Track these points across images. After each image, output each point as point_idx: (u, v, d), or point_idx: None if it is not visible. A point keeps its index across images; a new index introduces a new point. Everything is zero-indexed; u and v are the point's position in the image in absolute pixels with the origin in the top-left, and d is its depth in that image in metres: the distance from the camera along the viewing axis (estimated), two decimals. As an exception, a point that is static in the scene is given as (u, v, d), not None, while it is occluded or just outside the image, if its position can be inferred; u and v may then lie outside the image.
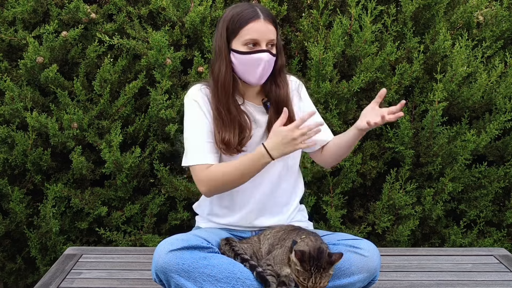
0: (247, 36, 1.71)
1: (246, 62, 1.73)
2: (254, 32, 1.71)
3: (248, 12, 1.74)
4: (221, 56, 1.77)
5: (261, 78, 1.76)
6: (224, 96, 1.77)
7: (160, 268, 1.59)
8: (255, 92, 1.87)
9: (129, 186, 2.70)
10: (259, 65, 1.73)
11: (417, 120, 2.74)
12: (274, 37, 1.75)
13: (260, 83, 1.79)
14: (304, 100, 1.95)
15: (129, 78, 2.76)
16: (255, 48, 1.72)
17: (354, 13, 2.60)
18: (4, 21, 2.68)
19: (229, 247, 1.74)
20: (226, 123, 1.77)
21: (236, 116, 1.78)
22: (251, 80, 1.77)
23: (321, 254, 1.52)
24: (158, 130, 2.73)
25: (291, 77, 1.95)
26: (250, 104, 1.85)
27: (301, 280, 1.51)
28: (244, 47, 1.73)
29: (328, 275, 1.52)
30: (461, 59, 2.60)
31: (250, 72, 1.75)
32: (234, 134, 1.77)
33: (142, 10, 2.71)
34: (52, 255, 2.73)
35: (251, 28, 1.71)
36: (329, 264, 1.52)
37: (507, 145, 2.72)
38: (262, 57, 1.72)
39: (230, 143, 1.76)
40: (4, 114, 2.64)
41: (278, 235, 1.73)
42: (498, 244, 2.74)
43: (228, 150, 1.78)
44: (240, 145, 1.78)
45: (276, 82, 1.82)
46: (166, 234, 2.76)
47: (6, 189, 2.65)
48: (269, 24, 1.73)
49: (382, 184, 2.73)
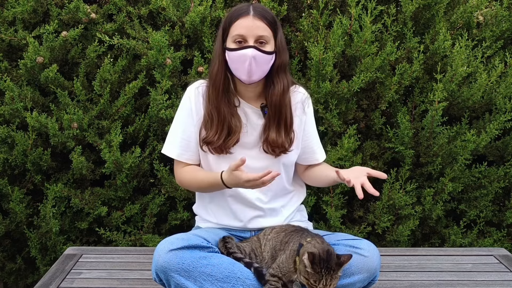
0: (235, 32, 1.73)
1: (234, 59, 1.73)
2: (241, 28, 1.72)
3: (240, 9, 1.75)
4: (216, 55, 1.79)
5: (250, 75, 1.73)
6: (215, 95, 1.79)
7: (160, 268, 1.59)
8: (256, 94, 1.85)
9: (129, 186, 2.70)
10: (245, 61, 1.71)
11: (417, 120, 2.74)
12: (265, 34, 1.73)
13: (252, 81, 1.76)
14: (308, 116, 1.93)
15: (129, 78, 2.76)
16: (242, 44, 1.72)
17: (354, 13, 2.60)
18: (4, 21, 2.68)
19: (223, 244, 1.74)
20: (214, 123, 1.78)
21: (227, 117, 1.78)
22: (242, 77, 1.75)
23: (330, 256, 1.52)
24: (158, 130, 2.73)
25: (299, 88, 1.92)
26: (248, 106, 1.84)
27: (312, 282, 1.51)
28: (234, 44, 1.73)
29: (337, 277, 1.53)
30: (461, 59, 2.60)
31: (239, 69, 1.74)
32: (220, 135, 1.78)
33: (142, 10, 2.71)
34: (52, 255, 2.73)
35: (239, 24, 1.72)
36: (338, 266, 1.52)
37: (507, 145, 2.72)
38: (246, 53, 1.70)
39: (212, 143, 1.78)
40: (4, 114, 2.64)
41: (280, 237, 1.73)
42: (498, 244, 2.74)
43: (211, 149, 1.80)
44: (226, 147, 1.79)
45: (273, 82, 1.81)
46: (166, 234, 2.76)
47: (6, 189, 2.65)
48: (258, 20, 1.72)
49: (382, 184, 2.73)
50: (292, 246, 1.64)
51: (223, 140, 1.78)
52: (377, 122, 2.73)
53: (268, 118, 1.82)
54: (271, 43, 1.76)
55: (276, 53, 1.78)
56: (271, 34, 1.75)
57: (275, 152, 1.82)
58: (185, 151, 1.85)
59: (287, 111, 1.82)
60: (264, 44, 1.74)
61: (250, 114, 1.84)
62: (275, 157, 1.84)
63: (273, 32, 1.76)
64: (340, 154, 2.58)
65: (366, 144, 2.76)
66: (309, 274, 1.51)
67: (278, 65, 1.80)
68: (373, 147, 2.75)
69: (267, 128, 1.82)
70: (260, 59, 1.73)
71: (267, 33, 1.74)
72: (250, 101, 1.85)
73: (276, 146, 1.80)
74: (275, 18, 1.79)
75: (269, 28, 1.75)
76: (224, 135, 1.78)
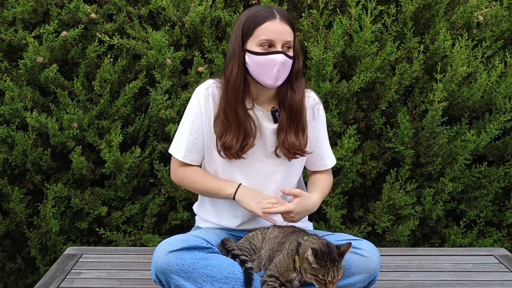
0: (262, 36, 1.67)
1: (261, 63, 1.68)
2: (270, 32, 1.66)
3: (264, 12, 1.69)
4: (235, 57, 1.72)
5: (276, 80, 1.70)
6: (234, 98, 1.73)
7: (160, 269, 1.58)
8: (269, 97, 1.81)
9: (129, 186, 2.70)
10: (274, 67, 1.67)
11: (417, 120, 2.74)
12: (291, 39, 1.70)
13: (276, 85, 1.73)
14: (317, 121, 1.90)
15: (129, 78, 2.76)
16: (270, 49, 1.67)
17: (354, 13, 2.60)
18: (4, 21, 2.68)
19: (223, 247, 1.75)
20: (232, 126, 1.74)
21: (243, 120, 1.74)
22: (267, 81, 1.71)
23: (331, 248, 1.54)
24: (158, 130, 2.73)
25: (311, 93, 1.89)
26: (260, 109, 1.81)
27: (320, 277, 1.52)
28: (259, 48, 1.68)
29: (342, 267, 1.55)
30: (461, 59, 2.60)
31: (265, 74, 1.69)
32: (238, 139, 1.74)
33: (142, 10, 2.71)
34: (52, 255, 2.73)
35: (266, 28, 1.67)
36: (340, 256, 1.54)
37: (507, 145, 2.72)
38: (276, 58, 1.66)
39: (231, 148, 1.75)
40: (4, 114, 2.64)
41: (278, 238, 1.73)
42: (498, 244, 2.74)
43: (229, 154, 1.77)
44: (241, 152, 1.76)
45: (292, 87, 1.77)
46: (166, 234, 2.76)
47: (6, 189, 2.65)
48: (285, 24, 1.68)
49: (382, 184, 2.73)
50: (289, 246, 1.65)
51: (240, 144, 1.75)
52: (377, 122, 2.73)
53: (287, 121, 1.78)
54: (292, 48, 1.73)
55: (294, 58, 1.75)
56: (293, 39, 1.72)
57: (291, 155, 1.80)
58: (190, 153, 1.83)
59: (305, 115, 1.81)
60: (289, 49, 1.71)
61: (261, 117, 1.81)
62: (289, 160, 1.82)
63: (294, 36, 1.74)
64: (340, 154, 2.58)
65: (366, 144, 2.76)
66: (315, 270, 1.52)
67: (297, 70, 1.77)
68: (373, 147, 2.75)
69: (283, 132, 1.78)
70: (287, 64, 1.70)
71: (291, 38, 1.71)
72: (263, 104, 1.81)
73: (294, 149, 1.79)
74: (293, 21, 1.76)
75: (293, 32, 1.72)
76: (241, 139, 1.75)
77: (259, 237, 1.78)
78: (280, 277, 1.62)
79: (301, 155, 1.83)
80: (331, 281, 1.52)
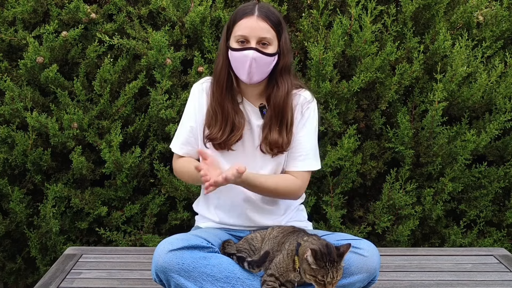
0: (238, 32, 1.73)
1: (236, 59, 1.74)
2: (244, 29, 1.72)
3: (245, 8, 1.75)
4: (221, 53, 1.80)
5: (250, 76, 1.74)
6: (219, 93, 1.80)
7: (160, 268, 1.59)
8: (258, 93, 1.85)
9: (129, 186, 2.70)
10: (245, 62, 1.71)
11: (417, 120, 2.74)
12: (268, 36, 1.72)
13: (252, 82, 1.77)
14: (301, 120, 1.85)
15: (129, 78, 2.76)
16: (244, 45, 1.72)
17: (354, 13, 2.60)
18: (4, 21, 2.68)
19: (223, 252, 1.75)
20: (218, 119, 1.80)
21: (230, 114, 1.80)
22: (242, 77, 1.76)
23: (330, 249, 1.54)
24: (158, 130, 2.73)
25: (304, 92, 1.88)
26: (249, 104, 1.85)
27: (320, 278, 1.52)
28: (236, 44, 1.74)
29: (341, 268, 1.55)
30: (461, 59, 2.60)
31: (240, 69, 1.75)
32: (224, 132, 1.79)
33: (142, 10, 2.71)
34: (52, 255, 2.73)
35: (242, 24, 1.72)
36: (339, 257, 1.54)
37: (507, 145, 2.72)
38: (247, 54, 1.71)
39: (215, 139, 1.80)
40: (4, 114, 2.64)
41: (278, 239, 1.73)
42: (498, 244, 2.74)
43: (215, 145, 1.81)
44: (228, 144, 1.80)
45: (277, 83, 1.80)
46: (166, 234, 2.76)
47: (6, 189, 2.65)
48: (261, 21, 1.71)
49: (382, 184, 2.73)
50: (288, 246, 1.65)
51: (226, 136, 1.79)
52: (377, 122, 2.73)
53: (269, 118, 1.81)
54: (274, 45, 1.75)
55: (279, 54, 1.77)
56: (274, 36, 1.74)
57: (272, 152, 1.81)
58: (184, 146, 1.89)
59: (289, 112, 1.81)
60: (267, 45, 1.73)
61: (250, 112, 1.84)
62: (272, 156, 1.83)
63: (277, 33, 1.75)
64: (340, 154, 2.58)
65: (366, 144, 2.76)
66: (315, 271, 1.52)
67: (282, 66, 1.79)
68: (373, 147, 2.75)
69: (267, 128, 1.81)
70: (260, 61, 1.72)
71: (270, 35, 1.73)
72: (252, 99, 1.86)
73: (276, 146, 1.80)
74: (280, 19, 1.77)
75: (273, 29, 1.74)
76: (228, 132, 1.79)
77: (258, 238, 1.78)
78: (280, 277, 1.62)
79: (281, 153, 1.83)
80: (330, 282, 1.52)
